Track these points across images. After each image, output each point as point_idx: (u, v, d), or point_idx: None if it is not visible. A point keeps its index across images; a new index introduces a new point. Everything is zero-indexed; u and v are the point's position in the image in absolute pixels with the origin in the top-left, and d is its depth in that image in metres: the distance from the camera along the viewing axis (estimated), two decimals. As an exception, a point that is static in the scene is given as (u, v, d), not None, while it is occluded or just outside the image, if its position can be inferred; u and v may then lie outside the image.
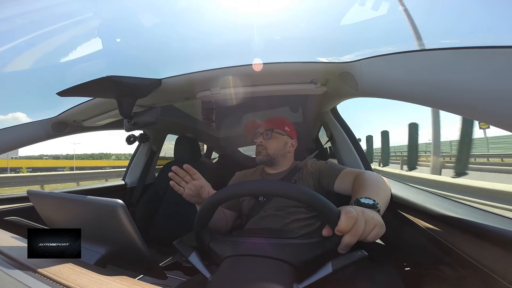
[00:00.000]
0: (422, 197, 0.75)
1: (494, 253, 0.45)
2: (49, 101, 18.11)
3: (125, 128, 0.94)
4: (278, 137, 1.03)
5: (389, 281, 0.60)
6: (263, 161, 1.01)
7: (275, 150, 1.01)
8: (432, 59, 0.50)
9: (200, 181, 0.72)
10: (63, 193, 0.63)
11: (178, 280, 0.92)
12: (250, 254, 0.53)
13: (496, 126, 0.44)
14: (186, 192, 0.71)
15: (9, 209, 0.99)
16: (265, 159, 1.00)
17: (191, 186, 0.70)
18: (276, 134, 1.03)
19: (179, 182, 0.71)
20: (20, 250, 0.48)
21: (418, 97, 0.56)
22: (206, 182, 0.73)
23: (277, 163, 1.02)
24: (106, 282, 0.38)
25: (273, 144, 1.01)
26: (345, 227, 0.46)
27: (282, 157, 1.03)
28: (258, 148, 1.02)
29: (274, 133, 1.03)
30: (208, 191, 0.71)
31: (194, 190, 0.70)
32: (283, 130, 1.05)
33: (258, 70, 0.79)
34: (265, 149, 1.00)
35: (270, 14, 0.88)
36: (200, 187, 0.71)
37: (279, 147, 1.02)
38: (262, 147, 1.01)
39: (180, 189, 0.71)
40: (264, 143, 1.01)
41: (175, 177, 0.71)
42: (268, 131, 1.03)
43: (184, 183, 0.71)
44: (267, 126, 1.04)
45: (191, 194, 0.71)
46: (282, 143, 1.03)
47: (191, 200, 0.72)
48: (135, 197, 1.67)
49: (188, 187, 0.70)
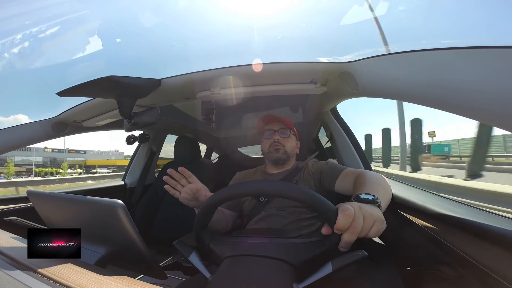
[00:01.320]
0: (422, 197, 0.76)
1: (494, 253, 0.45)
2: (50, 101, 18.18)
3: (125, 128, 0.94)
4: (292, 137, 1.05)
5: (389, 280, 0.60)
6: (282, 159, 1.00)
7: (291, 150, 1.02)
8: (432, 59, 0.50)
9: (196, 184, 0.69)
10: (63, 194, 0.63)
11: (178, 280, 0.92)
12: (250, 254, 0.53)
13: (496, 126, 0.44)
14: (182, 196, 0.68)
15: (9, 210, 0.99)
16: (284, 156, 1.00)
17: (187, 190, 0.68)
18: (291, 134, 1.05)
19: (174, 185, 0.69)
20: (20, 250, 0.48)
21: (418, 97, 0.56)
22: (202, 185, 0.70)
23: (287, 163, 1.04)
24: (106, 282, 0.38)
25: (289, 143, 1.02)
26: (343, 224, 0.45)
27: (293, 157, 1.06)
28: (276, 145, 1.00)
29: (291, 133, 1.05)
30: (205, 194, 0.69)
31: (190, 194, 0.68)
32: (294, 131, 1.08)
33: (258, 70, 0.79)
34: (283, 147, 1.00)
35: (270, 14, 0.89)
36: (196, 190, 0.68)
37: (294, 147, 1.04)
38: (280, 145, 1.00)
39: (176, 192, 0.69)
40: (281, 141, 1.01)
41: (170, 181, 0.68)
42: (286, 130, 1.03)
43: (180, 187, 0.69)
44: (285, 124, 1.05)
45: (188, 197, 0.68)
46: (294, 143, 1.06)
47: (188, 204, 0.70)
48: (135, 198, 1.67)
49: (184, 191, 0.68)
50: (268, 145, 1.02)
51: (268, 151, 1.02)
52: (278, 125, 1.04)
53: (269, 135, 1.04)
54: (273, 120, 1.07)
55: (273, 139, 1.01)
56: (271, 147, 1.01)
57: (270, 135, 1.03)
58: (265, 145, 1.04)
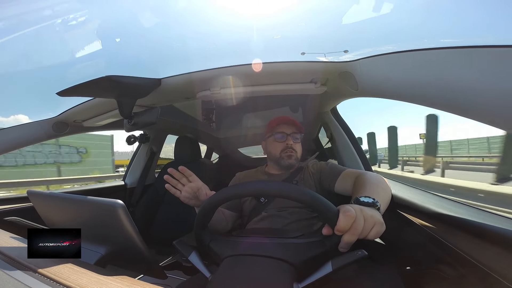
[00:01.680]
0: (422, 197, 0.76)
1: (494, 252, 0.45)
2: (50, 101, 18.10)
3: (125, 129, 0.94)
4: (300, 142, 1.03)
5: (389, 280, 0.60)
6: (293, 165, 0.98)
7: (300, 154, 1.01)
8: (432, 59, 0.50)
9: (197, 183, 0.69)
10: (63, 194, 0.63)
11: (178, 280, 0.92)
12: (250, 254, 0.53)
13: (496, 126, 0.44)
14: (183, 195, 0.68)
15: (9, 209, 0.99)
16: (295, 162, 0.98)
17: (188, 189, 0.68)
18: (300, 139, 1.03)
19: (175, 184, 0.69)
20: (20, 250, 0.48)
21: (418, 97, 0.56)
22: (203, 184, 0.71)
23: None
24: (106, 282, 0.38)
25: (300, 148, 1.00)
26: (344, 226, 0.46)
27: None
28: (289, 152, 0.97)
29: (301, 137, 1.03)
30: (206, 193, 0.69)
31: (191, 193, 0.68)
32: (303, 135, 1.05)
33: (258, 70, 0.79)
34: (295, 153, 0.98)
35: (270, 14, 0.89)
36: (197, 189, 0.69)
37: (301, 151, 1.02)
38: (293, 151, 0.98)
39: (176, 192, 0.69)
40: (294, 146, 0.98)
41: (171, 180, 0.69)
42: (298, 134, 1.01)
43: (181, 186, 0.69)
44: (298, 129, 1.02)
45: (188, 196, 0.68)
46: (302, 147, 1.04)
47: (189, 203, 0.70)
48: (135, 198, 1.67)
49: (185, 190, 0.68)
50: (280, 150, 0.98)
51: (279, 156, 0.98)
52: (290, 128, 1.01)
53: (281, 138, 0.99)
54: (287, 122, 1.03)
55: (286, 144, 0.98)
56: (284, 153, 0.97)
57: (283, 138, 0.99)
58: (276, 149, 1.00)
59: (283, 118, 1.05)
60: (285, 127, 1.01)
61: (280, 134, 1.00)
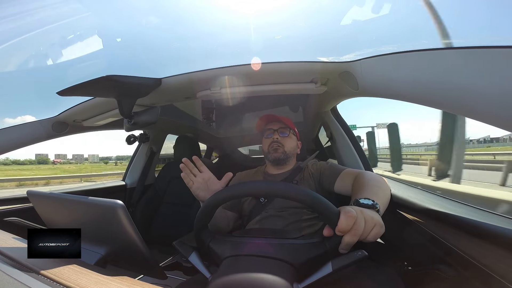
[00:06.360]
0: (422, 197, 0.75)
1: (494, 252, 0.45)
2: (51, 101, 18.11)
3: (125, 128, 0.94)
4: (292, 137, 1.04)
5: (389, 280, 0.60)
6: (280, 159, 0.99)
7: (291, 149, 1.01)
8: (433, 59, 0.50)
9: (207, 173, 0.74)
10: (63, 194, 0.63)
11: (178, 280, 0.92)
12: (250, 254, 0.53)
13: (496, 126, 0.44)
14: (195, 186, 0.72)
15: (9, 210, 0.99)
16: (283, 156, 0.99)
17: (199, 179, 0.72)
18: (291, 134, 1.03)
19: (188, 174, 0.73)
20: (20, 251, 0.48)
21: (419, 97, 0.56)
22: (212, 174, 0.75)
23: (287, 163, 1.02)
24: (106, 282, 0.38)
25: (289, 142, 1.01)
26: (345, 227, 0.46)
27: (293, 157, 1.04)
28: (274, 145, 0.99)
29: (291, 132, 1.03)
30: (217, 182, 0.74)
31: (202, 183, 0.72)
32: (295, 131, 1.06)
33: (258, 70, 0.79)
34: (282, 147, 0.99)
35: (270, 14, 0.88)
36: (208, 178, 0.73)
37: (294, 146, 1.03)
38: (279, 144, 0.99)
39: (189, 181, 0.72)
40: (280, 140, 1.00)
41: (185, 169, 0.73)
42: (285, 129, 1.02)
43: (193, 176, 0.73)
44: (285, 124, 1.03)
45: (200, 187, 0.71)
46: (295, 143, 1.04)
47: (198, 195, 0.72)
48: (135, 198, 1.67)
49: (197, 180, 0.72)
50: (267, 145, 1.02)
51: (267, 151, 1.01)
52: (277, 124, 1.03)
53: (268, 135, 1.03)
54: (273, 119, 1.06)
55: (272, 138, 1.01)
56: (270, 147, 1.00)
57: (270, 135, 1.03)
58: (265, 145, 1.03)
59: (267, 116, 1.07)
60: (272, 124, 1.04)
61: (268, 131, 1.04)
